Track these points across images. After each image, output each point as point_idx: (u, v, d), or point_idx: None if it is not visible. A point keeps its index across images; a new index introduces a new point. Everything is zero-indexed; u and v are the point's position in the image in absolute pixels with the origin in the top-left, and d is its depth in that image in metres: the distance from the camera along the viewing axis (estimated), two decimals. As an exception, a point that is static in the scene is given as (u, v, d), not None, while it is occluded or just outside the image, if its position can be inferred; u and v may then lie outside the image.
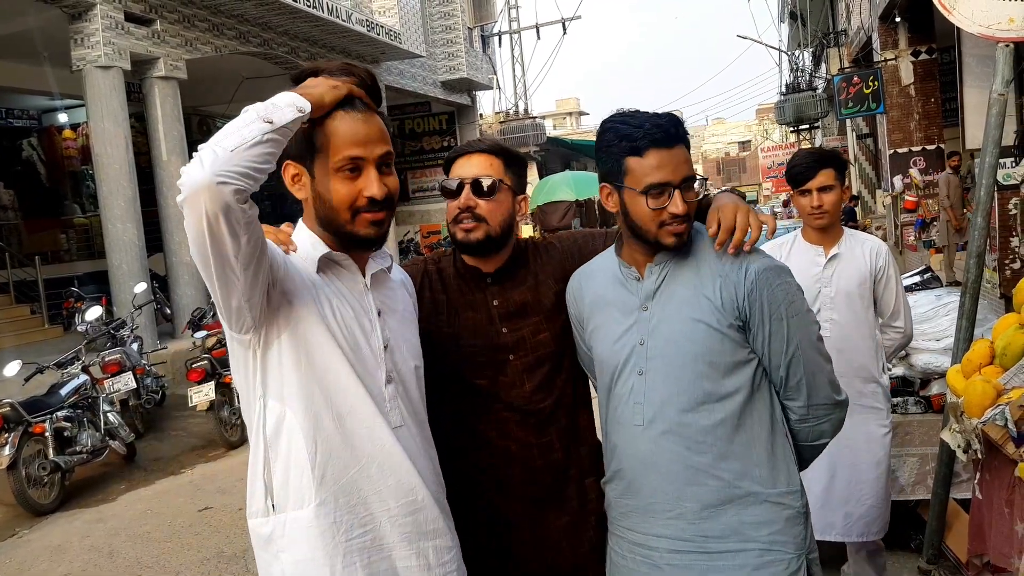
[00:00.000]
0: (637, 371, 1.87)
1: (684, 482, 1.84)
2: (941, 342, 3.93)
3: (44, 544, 5.72)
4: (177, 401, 8.92)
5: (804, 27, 20.67)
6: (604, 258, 2.02)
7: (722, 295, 1.83)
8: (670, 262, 1.88)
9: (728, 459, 1.84)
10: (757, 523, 1.85)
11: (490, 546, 2.07)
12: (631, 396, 1.88)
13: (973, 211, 3.52)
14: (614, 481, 1.97)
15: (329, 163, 1.64)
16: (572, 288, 2.06)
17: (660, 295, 1.87)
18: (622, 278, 1.94)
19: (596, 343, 1.97)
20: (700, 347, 1.82)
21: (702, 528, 1.84)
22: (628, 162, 1.81)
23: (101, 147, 10.08)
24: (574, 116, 53.85)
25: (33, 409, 6.49)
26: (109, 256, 10.32)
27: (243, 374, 1.70)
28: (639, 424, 1.87)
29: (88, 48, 9.91)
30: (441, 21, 19.78)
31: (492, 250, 2.10)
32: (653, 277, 1.88)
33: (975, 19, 3.36)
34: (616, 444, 1.94)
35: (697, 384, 1.83)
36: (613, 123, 1.85)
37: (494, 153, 2.12)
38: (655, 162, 1.79)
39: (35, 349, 9.94)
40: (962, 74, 6.53)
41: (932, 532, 3.56)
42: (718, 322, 1.82)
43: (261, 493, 1.70)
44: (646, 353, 1.86)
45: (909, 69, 11.27)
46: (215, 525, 5.69)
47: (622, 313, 1.91)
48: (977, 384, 2.61)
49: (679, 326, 1.84)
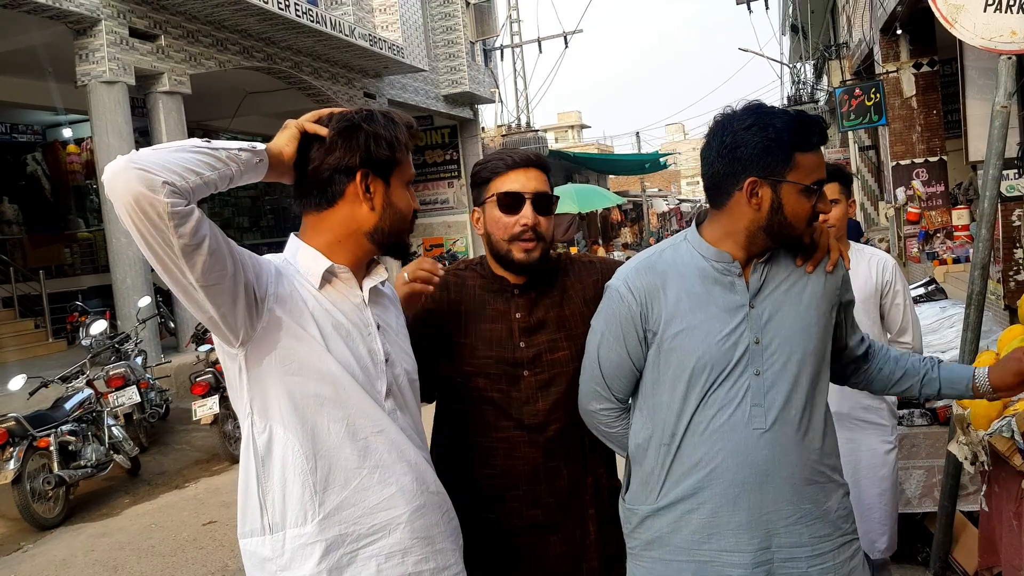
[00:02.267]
0: (753, 371, 1.78)
1: (804, 482, 1.79)
2: (946, 354, 3.93)
3: (49, 559, 5.71)
4: (181, 415, 8.91)
5: (805, 39, 20.73)
6: (682, 255, 1.87)
7: (825, 288, 1.85)
8: (767, 260, 1.84)
9: (830, 454, 1.86)
10: (847, 514, 1.86)
11: (487, 563, 2.06)
12: (747, 398, 1.78)
13: (976, 223, 3.53)
14: (690, 501, 1.80)
15: (405, 176, 1.80)
16: (636, 288, 1.87)
17: (766, 292, 1.82)
18: (717, 275, 1.82)
19: (686, 343, 1.80)
20: (816, 340, 1.82)
21: (814, 529, 1.80)
22: (797, 157, 1.74)
23: (105, 162, 9.98)
24: (576, 129, 53.98)
25: (37, 423, 6.49)
26: (113, 270, 10.33)
27: (234, 388, 1.71)
28: (760, 428, 1.76)
29: (93, 63, 9.96)
30: (443, 35, 19.86)
31: (541, 269, 2.10)
32: (758, 274, 1.82)
33: (977, 32, 3.38)
34: (708, 456, 1.78)
35: (814, 378, 1.82)
36: (769, 114, 1.76)
37: (543, 167, 2.10)
38: (817, 160, 1.77)
39: (39, 363, 9.95)
40: (964, 86, 6.54)
41: (939, 545, 3.55)
42: (827, 312, 1.85)
43: (256, 512, 1.69)
44: (762, 352, 1.78)
45: (911, 81, 11.29)
46: (219, 539, 5.68)
47: (726, 312, 1.80)
48: (983, 396, 2.61)
49: (796, 321, 1.81)
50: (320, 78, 14.52)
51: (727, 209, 1.81)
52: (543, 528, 2.07)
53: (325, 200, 1.72)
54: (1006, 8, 3.30)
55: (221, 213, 18.81)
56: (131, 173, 1.40)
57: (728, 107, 1.82)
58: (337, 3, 14.86)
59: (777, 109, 1.77)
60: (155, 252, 1.47)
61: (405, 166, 1.79)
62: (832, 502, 1.83)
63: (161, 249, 1.46)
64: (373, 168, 1.72)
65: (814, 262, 1.85)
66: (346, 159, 1.70)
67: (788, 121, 1.74)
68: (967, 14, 3.38)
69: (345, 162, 1.70)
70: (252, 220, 19.99)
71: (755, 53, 23.94)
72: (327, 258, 1.73)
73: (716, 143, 1.79)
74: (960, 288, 5.96)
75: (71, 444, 6.68)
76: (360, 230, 1.75)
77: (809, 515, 1.79)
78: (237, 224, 19.31)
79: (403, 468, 1.74)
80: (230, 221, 19.07)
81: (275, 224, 20.04)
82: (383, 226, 1.75)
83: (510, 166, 2.07)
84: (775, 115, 1.75)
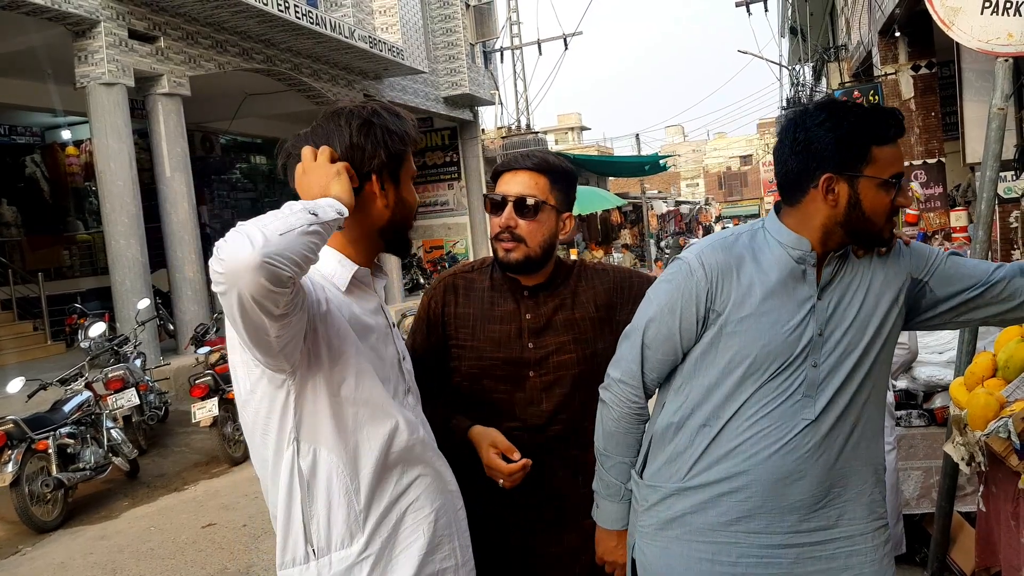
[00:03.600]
0: (811, 363, 1.78)
1: (842, 468, 1.80)
2: (944, 355, 3.93)
3: (47, 561, 5.71)
4: (180, 417, 8.92)
5: (804, 42, 20.73)
6: (759, 242, 1.85)
7: (886, 277, 1.84)
8: (841, 255, 1.83)
9: (877, 437, 1.86)
10: (881, 499, 1.86)
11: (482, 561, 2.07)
12: (801, 389, 1.78)
13: (974, 224, 3.53)
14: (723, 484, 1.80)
15: (410, 171, 1.81)
16: (709, 265, 1.83)
17: (834, 284, 1.81)
18: (794, 264, 1.81)
19: (752, 330, 1.78)
20: (874, 332, 1.81)
21: (846, 511, 1.81)
22: (874, 151, 1.72)
23: (104, 164, 10.12)
24: (576, 131, 53.98)
25: (36, 426, 6.49)
26: (112, 272, 10.33)
27: (273, 416, 1.63)
28: (808, 419, 1.77)
29: (92, 65, 9.96)
30: (443, 37, 19.87)
31: (531, 270, 2.09)
32: (831, 268, 1.82)
33: (974, 34, 3.39)
34: (751, 442, 1.79)
35: (870, 369, 1.81)
36: (843, 108, 1.74)
37: (540, 170, 2.09)
38: (895, 153, 1.75)
39: (38, 366, 9.95)
40: (962, 88, 6.55)
41: (937, 545, 3.55)
42: (891, 299, 1.83)
43: (299, 539, 1.65)
44: (823, 344, 1.78)
45: (909, 83, 11.30)
46: (219, 542, 5.68)
47: (796, 303, 1.79)
48: (980, 397, 2.62)
49: (858, 314, 1.80)
50: (320, 80, 14.52)
51: (801, 207, 1.79)
52: (538, 528, 2.07)
53: None
54: (1003, 10, 3.31)
55: (221, 215, 18.81)
56: (264, 272, 1.34)
57: (799, 105, 1.82)
58: (337, 5, 14.88)
59: (851, 103, 1.76)
60: (249, 321, 1.43)
61: (410, 160, 1.81)
62: (867, 486, 1.83)
63: (257, 318, 1.42)
64: (388, 165, 1.73)
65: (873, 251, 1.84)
66: (375, 160, 1.70)
67: (862, 114, 1.72)
68: (964, 16, 3.39)
69: (374, 163, 1.70)
70: (252, 221, 19.95)
71: (754, 55, 23.97)
72: (351, 260, 1.73)
73: (789, 140, 1.78)
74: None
75: (70, 447, 6.68)
76: (374, 228, 1.75)
77: (842, 499, 1.80)
78: (237, 226, 19.27)
79: (427, 469, 1.76)
80: (230, 223, 18.81)
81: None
82: (395, 220, 1.77)
83: (503, 170, 2.11)
84: (849, 110, 1.73)
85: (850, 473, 1.81)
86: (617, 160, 33.08)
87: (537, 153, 2.18)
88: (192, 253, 11.15)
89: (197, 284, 11.13)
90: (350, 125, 1.70)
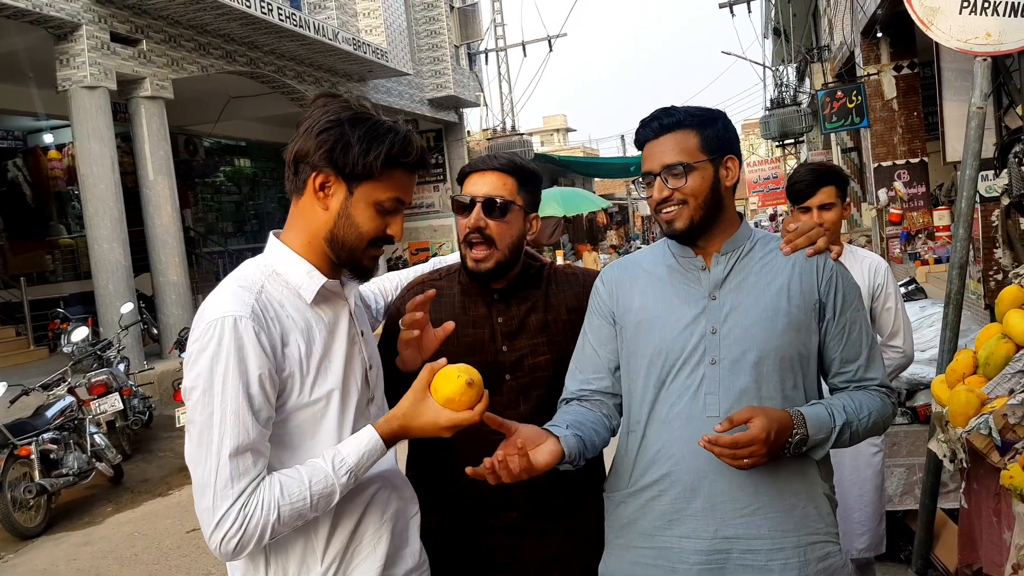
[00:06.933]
0: (709, 360, 1.79)
1: (763, 475, 1.76)
2: (926, 353, 3.96)
3: (30, 568, 5.66)
4: (164, 422, 8.86)
5: (788, 43, 20.85)
6: (655, 253, 1.96)
7: (801, 284, 1.83)
8: (734, 252, 1.86)
9: (802, 457, 1.81)
10: (822, 515, 1.82)
11: (461, 564, 2.07)
12: (702, 387, 1.79)
13: (955, 223, 3.55)
14: (653, 488, 1.83)
15: (375, 195, 1.65)
16: (607, 280, 1.97)
17: (731, 284, 1.83)
18: (682, 268, 1.88)
19: (648, 335, 1.85)
20: (780, 334, 1.79)
21: (775, 522, 1.78)
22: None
23: (87, 167, 10.06)
24: (561, 133, 54.07)
25: (19, 431, 6.44)
26: (95, 277, 10.27)
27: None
28: (713, 415, 1.76)
29: (74, 68, 9.90)
30: (428, 39, 19.86)
31: (501, 275, 2.09)
32: (721, 266, 1.84)
33: (953, 34, 3.41)
34: (668, 444, 1.81)
35: (783, 375, 1.79)
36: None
37: (508, 171, 2.08)
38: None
39: (21, 371, 9.88)
40: (941, 88, 6.60)
41: (920, 543, 3.57)
42: (799, 307, 1.81)
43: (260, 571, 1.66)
44: (719, 342, 1.79)
45: (891, 83, 11.39)
46: (203, 547, 5.63)
47: (685, 303, 1.84)
48: (961, 394, 2.63)
49: (757, 312, 1.80)
50: (304, 82, 14.49)
51: None
52: (518, 531, 2.07)
53: (295, 187, 1.68)
54: (981, 10, 3.34)
55: (205, 219, 18.73)
56: (259, 546, 1.54)
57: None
58: (320, 7, 14.85)
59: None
60: None
61: (380, 186, 1.64)
62: (799, 499, 1.80)
63: None
64: (336, 170, 1.62)
65: (792, 246, 1.86)
66: (310, 153, 1.62)
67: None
68: (943, 16, 3.41)
69: (311, 157, 1.62)
70: (236, 225, 19.88)
71: (738, 56, 24.04)
72: (319, 271, 1.67)
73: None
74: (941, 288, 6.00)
75: (53, 452, 6.61)
76: (319, 234, 1.66)
77: (768, 508, 1.77)
78: (221, 229, 19.20)
79: (380, 479, 1.75)
80: (214, 227, 18.98)
81: (259, 229, 19.94)
82: (338, 234, 1.65)
83: (471, 170, 2.11)
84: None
85: (778, 480, 1.78)
86: (603, 161, 33.16)
87: (504, 154, 2.19)
88: (176, 257, 11.10)
89: (181, 288, 11.08)
90: (327, 112, 1.64)
